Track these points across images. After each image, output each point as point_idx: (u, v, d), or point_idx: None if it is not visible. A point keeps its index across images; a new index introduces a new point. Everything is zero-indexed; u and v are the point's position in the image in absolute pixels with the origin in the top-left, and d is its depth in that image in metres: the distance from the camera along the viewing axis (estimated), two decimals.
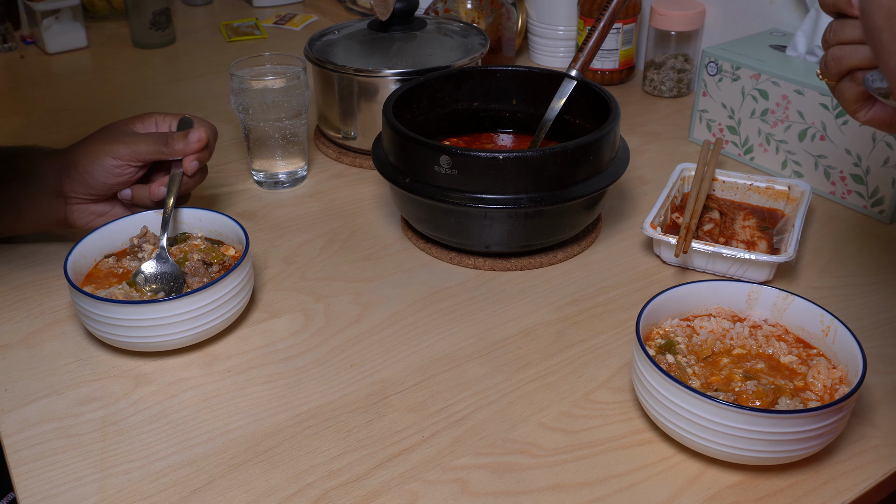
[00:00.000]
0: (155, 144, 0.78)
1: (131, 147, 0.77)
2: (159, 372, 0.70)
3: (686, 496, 0.58)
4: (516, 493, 0.58)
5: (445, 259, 0.84)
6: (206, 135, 0.79)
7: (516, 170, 0.75)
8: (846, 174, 0.91)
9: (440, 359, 0.71)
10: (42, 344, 0.73)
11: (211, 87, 1.26)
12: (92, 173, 0.77)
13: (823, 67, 0.55)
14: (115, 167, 0.77)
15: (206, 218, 0.79)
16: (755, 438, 0.56)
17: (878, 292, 0.78)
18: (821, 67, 0.56)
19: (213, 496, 0.58)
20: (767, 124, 0.97)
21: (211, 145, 0.81)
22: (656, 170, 1.01)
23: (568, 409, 0.65)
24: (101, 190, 0.78)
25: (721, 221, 0.86)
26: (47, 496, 0.58)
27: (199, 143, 0.79)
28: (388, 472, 0.60)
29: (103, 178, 0.77)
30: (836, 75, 0.55)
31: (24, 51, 1.42)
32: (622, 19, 1.19)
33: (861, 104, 0.55)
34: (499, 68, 0.93)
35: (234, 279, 0.70)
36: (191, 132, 0.79)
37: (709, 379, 0.62)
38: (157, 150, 0.78)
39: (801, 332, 0.66)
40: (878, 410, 0.65)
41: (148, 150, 0.78)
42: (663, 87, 1.20)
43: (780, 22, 1.09)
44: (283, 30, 1.53)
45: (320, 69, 1.00)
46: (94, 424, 0.64)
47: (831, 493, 0.58)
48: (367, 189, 0.98)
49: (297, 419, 0.65)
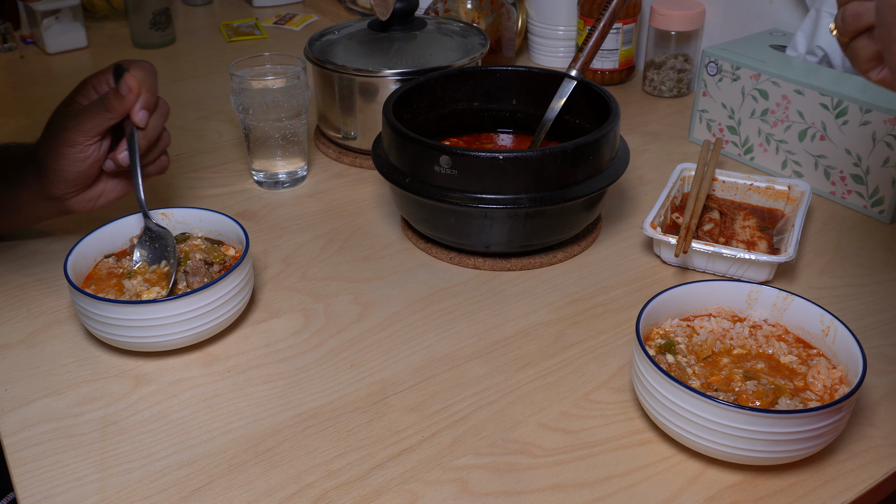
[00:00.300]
0: (97, 114, 0.74)
1: (79, 129, 0.73)
2: (159, 372, 0.70)
3: (686, 496, 0.58)
4: (516, 493, 0.58)
5: (445, 259, 0.84)
6: (134, 81, 0.73)
7: (516, 170, 0.75)
8: (846, 174, 0.91)
9: (440, 359, 0.71)
10: (42, 344, 0.73)
11: (211, 87, 1.26)
12: (61, 168, 0.74)
13: (840, 23, 0.53)
14: (76, 154, 0.74)
15: (206, 218, 0.79)
16: (755, 438, 0.56)
17: (878, 292, 0.78)
18: (836, 23, 0.54)
19: (213, 496, 0.58)
20: (767, 124, 0.97)
21: (150, 86, 0.75)
22: (656, 170, 1.01)
23: (568, 409, 0.65)
24: (79, 179, 0.76)
25: (721, 221, 0.86)
26: (47, 496, 0.58)
27: (133, 90, 0.73)
28: (388, 472, 0.60)
29: (73, 167, 0.74)
30: (852, 32, 0.53)
31: (24, 51, 1.42)
32: (622, 19, 1.19)
33: (875, 63, 0.53)
34: (499, 68, 0.93)
35: (234, 279, 0.70)
36: (119, 85, 0.73)
37: (709, 379, 0.62)
38: (101, 118, 0.74)
39: (801, 332, 0.66)
40: (878, 410, 0.65)
41: (94, 123, 0.74)
42: (663, 87, 1.20)
43: (780, 22, 1.09)
44: (283, 30, 1.53)
45: (320, 69, 1.00)
46: (94, 424, 0.64)
47: (831, 493, 0.58)
48: (367, 189, 0.98)
49: (297, 419, 0.65)
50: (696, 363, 0.63)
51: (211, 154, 1.05)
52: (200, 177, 1.00)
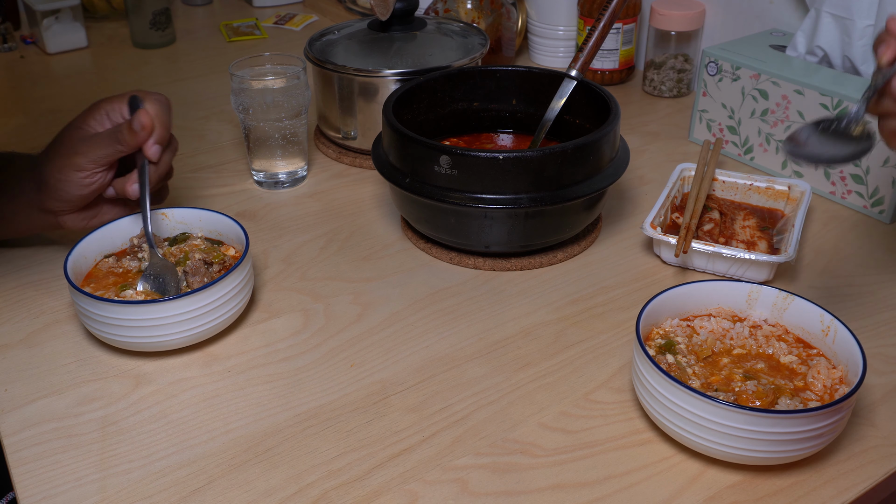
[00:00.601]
0: (109, 145, 0.74)
1: (89, 156, 0.74)
2: (159, 372, 0.70)
3: (686, 496, 0.58)
4: (516, 493, 0.58)
5: (445, 259, 0.84)
6: (148, 118, 0.74)
7: (516, 170, 0.75)
8: (846, 174, 0.91)
9: (440, 359, 0.71)
10: (42, 344, 0.73)
11: (211, 87, 1.26)
12: (64, 190, 0.75)
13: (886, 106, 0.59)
14: (82, 178, 0.74)
15: (206, 218, 0.79)
16: (755, 438, 0.56)
17: (878, 292, 0.78)
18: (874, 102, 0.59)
19: (213, 496, 0.58)
20: (767, 124, 0.97)
21: (165, 121, 0.76)
22: (656, 170, 1.01)
23: (568, 409, 0.65)
24: (79, 201, 0.76)
25: (721, 221, 0.86)
26: (47, 496, 0.58)
27: (147, 127, 0.74)
28: (388, 472, 0.60)
29: (76, 190, 0.75)
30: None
31: (24, 51, 1.42)
32: (622, 19, 1.19)
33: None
34: (499, 68, 0.93)
35: (234, 279, 0.70)
36: (133, 120, 0.74)
37: (709, 379, 0.62)
38: (112, 150, 0.74)
39: (801, 332, 0.66)
40: (878, 410, 0.65)
41: (105, 153, 0.74)
42: (663, 87, 1.20)
43: (780, 22, 1.09)
44: (283, 30, 1.53)
45: (320, 69, 1.00)
46: (94, 424, 0.64)
47: (831, 493, 0.58)
48: (367, 189, 0.98)
49: (297, 419, 0.65)
50: (696, 363, 0.63)
51: (211, 154, 1.05)
52: (200, 177, 1.00)
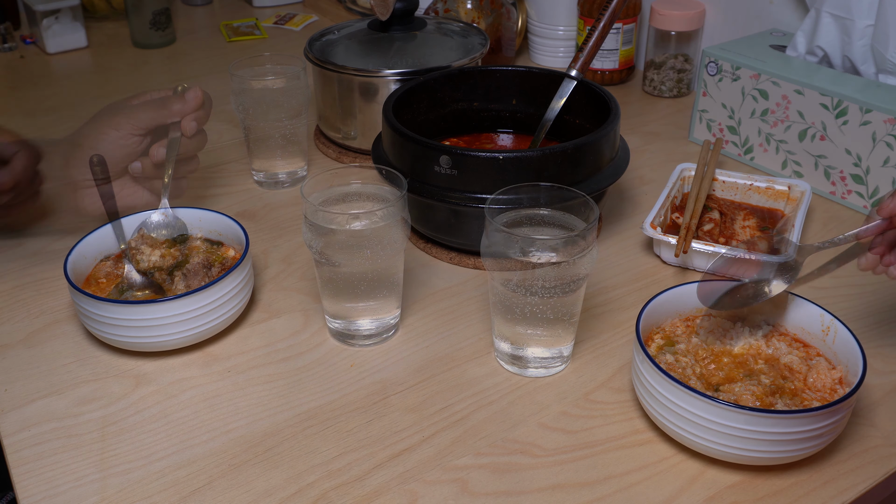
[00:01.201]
0: (153, 109, 0.79)
1: (130, 115, 0.78)
2: (159, 372, 0.70)
3: (686, 496, 0.58)
4: (516, 493, 0.58)
5: (445, 259, 0.84)
6: (202, 93, 0.80)
7: (516, 170, 0.75)
8: (846, 174, 0.91)
9: (440, 359, 0.71)
10: (42, 344, 0.73)
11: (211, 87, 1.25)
12: (97, 149, 0.77)
13: None
14: (118, 139, 0.78)
15: (205, 218, 0.79)
16: (755, 438, 0.56)
17: (878, 292, 0.78)
18: None
19: (213, 496, 0.58)
20: (767, 124, 0.97)
21: (207, 107, 0.82)
22: (656, 170, 1.01)
23: (568, 409, 0.65)
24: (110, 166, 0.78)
25: (721, 221, 0.86)
26: (47, 496, 0.58)
27: (196, 100, 0.80)
28: (388, 472, 0.60)
29: (109, 151, 0.77)
30: None
31: (24, 51, 1.42)
32: (622, 19, 1.19)
33: None
34: (499, 68, 0.93)
35: (234, 279, 0.70)
36: (187, 91, 0.80)
37: (709, 379, 0.62)
38: (156, 114, 0.79)
39: (801, 332, 0.66)
40: (878, 410, 0.65)
41: (147, 116, 0.78)
42: (663, 87, 1.20)
43: (780, 22, 1.09)
44: (283, 30, 1.53)
45: (320, 69, 1.00)
46: (94, 424, 0.64)
47: (831, 493, 0.58)
48: None
49: (297, 419, 0.65)
50: (696, 363, 0.63)
51: (211, 154, 1.05)
52: (200, 177, 1.00)
